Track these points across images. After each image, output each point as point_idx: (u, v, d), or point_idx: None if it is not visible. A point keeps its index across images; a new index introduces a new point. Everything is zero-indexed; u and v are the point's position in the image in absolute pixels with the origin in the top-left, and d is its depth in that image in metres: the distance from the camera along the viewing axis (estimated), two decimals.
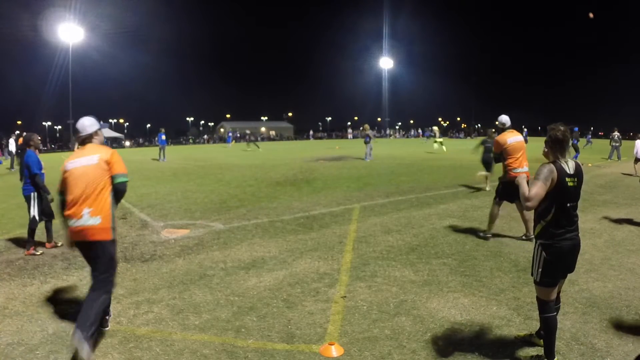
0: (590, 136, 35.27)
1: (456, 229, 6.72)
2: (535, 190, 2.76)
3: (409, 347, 3.24)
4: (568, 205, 2.84)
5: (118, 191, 3.52)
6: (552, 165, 2.82)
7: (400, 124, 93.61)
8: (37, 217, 5.95)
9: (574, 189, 2.85)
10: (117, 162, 3.54)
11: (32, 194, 5.99)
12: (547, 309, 2.93)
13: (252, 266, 5.13)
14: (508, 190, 6.09)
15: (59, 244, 6.17)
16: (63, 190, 3.53)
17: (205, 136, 74.74)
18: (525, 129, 35.52)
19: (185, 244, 6.14)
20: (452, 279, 4.60)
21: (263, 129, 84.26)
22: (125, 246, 6.11)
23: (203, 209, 8.69)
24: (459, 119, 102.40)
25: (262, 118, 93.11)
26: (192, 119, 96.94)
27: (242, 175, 14.86)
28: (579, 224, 2.95)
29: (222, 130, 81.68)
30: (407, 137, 73.10)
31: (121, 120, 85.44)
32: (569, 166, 2.86)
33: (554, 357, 2.91)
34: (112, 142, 55.16)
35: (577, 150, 18.51)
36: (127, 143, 58.33)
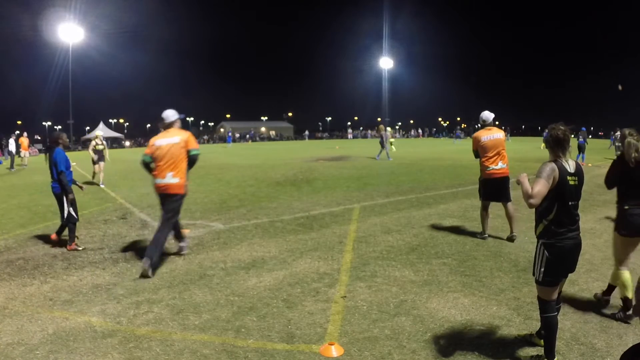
0: (614, 137, 32.02)
1: (456, 229, 6.72)
2: (538, 188, 2.77)
3: (409, 347, 3.24)
4: (570, 203, 2.86)
5: (192, 160, 5.29)
6: (553, 164, 2.84)
7: (400, 123, 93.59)
8: (73, 213, 5.99)
9: (575, 187, 2.87)
10: (191, 141, 5.27)
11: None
12: (548, 308, 2.94)
13: (252, 266, 5.13)
14: (487, 189, 6.12)
15: (81, 248, 6.14)
16: (152, 157, 5.22)
17: (205, 136, 74.73)
18: (547, 131, 33.21)
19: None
20: (452, 279, 4.60)
21: (263, 129, 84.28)
22: (125, 246, 6.11)
23: (203, 209, 8.69)
24: (459, 119, 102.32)
25: (262, 118, 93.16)
26: (192, 119, 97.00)
27: (242, 175, 14.86)
28: (579, 224, 2.96)
29: (222, 130, 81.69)
30: (408, 137, 73.12)
31: (121, 120, 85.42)
32: (570, 165, 2.89)
33: (554, 357, 2.92)
34: (112, 142, 55.14)
35: (582, 150, 18.16)
36: (127, 143, 58.30)
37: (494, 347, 3.22)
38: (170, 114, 5.35)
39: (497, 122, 6.51)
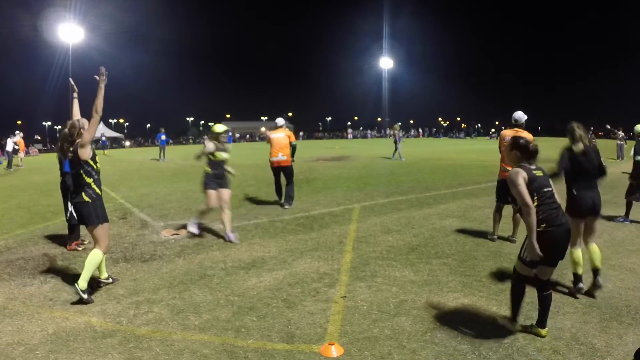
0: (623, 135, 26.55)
1: (456, 229, 6.72)
2: (526, 196, 3.19)
3: (409, 347, 3.24)
4: (544, 190, 3.27)
5: (293, 147, 8.80)
6: (517, 169, 3.32)
7: (400, 123, 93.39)
8: (75, 214, 5.98)
9: (542, 177, 3.32)
10: (292, 136, 8.88)
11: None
12: (523, 281, 3.40)
13: (252, 266, 5.14)
14: (501, 189, 6.09)
15: (86, 242, 6.16)
16: (270, 144, 8.85)
17: (205, 136, 74.73)
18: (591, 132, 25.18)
19: (185, 244, 6.14)
20: (452, 279, 4.60)
21: (263, 129, 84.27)
22: (125, 246, 6.11)
23: None
24: (459, 119, 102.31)
25: (262, 118, 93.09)
26: (192, 119, 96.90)
27: (242, 175, 14.85)
28: (562, 211, 3.33)
29: None
30: (408, 136, 73.16)
31: (121, 120, 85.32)
32: (532, 165, 3.37)
33: (515, 321, 3.45)
34: (112, 142, 55.11)
35: (636, 155, 18.14)
36: (127, 143, 58.21)
37: (494, 347, 3.22)
38: (280, 121, 8.96)
39: (497, 123, 6.49)
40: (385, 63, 67.44)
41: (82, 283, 4.09)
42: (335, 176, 14.16)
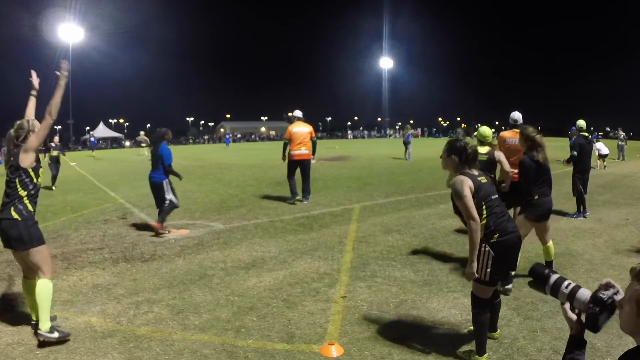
0: (596, 135, 27.19)
1: (456, 229, 6.71)
2: (471, 208, 2.91)
3: (409, 347, 3.24)
4: (492, 198, 3.06)
5: (313, 142, 9.15)
6: (461, 177, 3.02)
7: (400, 123, 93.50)
8: (174, 201, 6.67)
9: (488, 184, 3.09)
10: (312, 131, 9.16)
11: (164, 181, 6.63)
12: (484, 304, 3.06)
13: (252, 266, 5.13)
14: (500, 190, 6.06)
15: (167, 232, 6.61)
16: (290, 139, 9.02)
17: (206, 136, 74.79)
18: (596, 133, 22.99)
19: (185, 244, 6.14)
20: (452, 279, 4.60)
21: (263, 129, 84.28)
22: (125, 246, 6.11)
23: (203, 209, 8.69)
24: (459, 119, 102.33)
25: (262, 118, 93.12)
26: (192, 119, 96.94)
27: (242, 175, 14.86)
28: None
29: (222, 130, 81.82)
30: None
31: (121, 120, 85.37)
32: (473, 171, 3.09)
33: (485, 353, 3.02)
34: (112, 142, 55.14)
35: (572, 149, 18.33)
36: (127, 143, 58.15)
37: (494, 347, 3.22)
38: (298, 113, 9.22)
39: (497, 123, 6.48)
40: (385, 63, 67.50)
41: (44, 325, 3.32)
42: (335, 176, 14.17)
